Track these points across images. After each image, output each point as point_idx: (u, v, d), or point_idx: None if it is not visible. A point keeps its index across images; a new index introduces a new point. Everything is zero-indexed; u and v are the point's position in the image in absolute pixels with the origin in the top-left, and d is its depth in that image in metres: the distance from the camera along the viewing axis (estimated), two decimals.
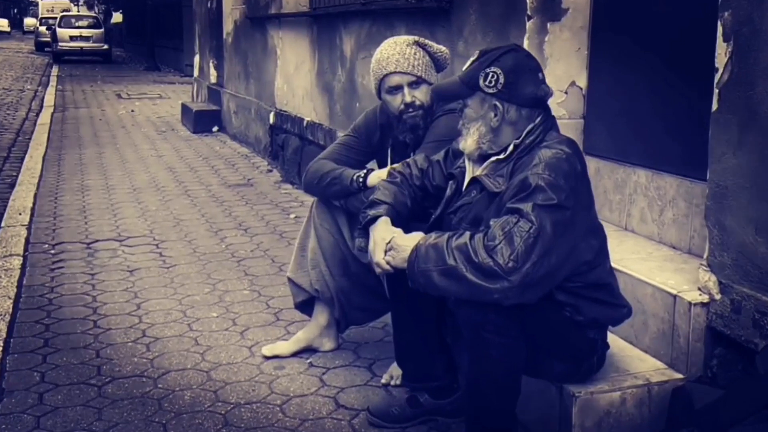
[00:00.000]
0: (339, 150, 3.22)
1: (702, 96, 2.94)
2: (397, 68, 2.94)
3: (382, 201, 2.54)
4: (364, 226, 2.51)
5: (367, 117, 3.25)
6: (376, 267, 2.39)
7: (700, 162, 2.95)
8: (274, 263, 4.59)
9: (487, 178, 2.31)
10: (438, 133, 2.94)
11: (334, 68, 5.83)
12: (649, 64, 3.22)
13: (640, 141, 3.28)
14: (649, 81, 3.22)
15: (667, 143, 3.11)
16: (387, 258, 2.35)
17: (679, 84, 3.07)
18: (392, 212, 2.51)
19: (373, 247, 2.41)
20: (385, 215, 2.49)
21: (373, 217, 2.49)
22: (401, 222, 2.50)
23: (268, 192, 6.52)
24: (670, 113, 3.11)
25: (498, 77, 2.30)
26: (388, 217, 2.48)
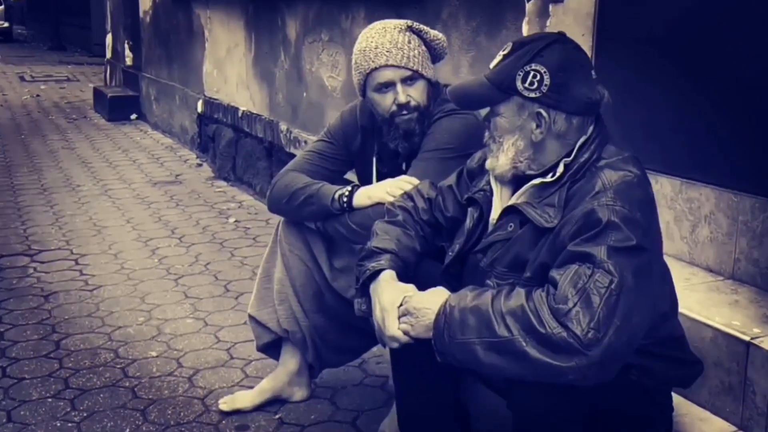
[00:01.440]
0: (311, 159, 2.64)
1: (747, 90, 2.49)
2: (388, 61, 2.36)
3: (383, 249, 1.98)
4: (363, 284, 1.95)
5: (344, 119, 2.67)
6: (391, 341, 1.83)
7: (747, 171, 2.51)
8: (217, 281, 3.96)
9: (531, 208, 1.77)
10: (440, 140, 2.39)
11: (275, 53, 5.19)
12: (672, 49, 2.75)
13: (662, 144, 2.81)
14: (675, 70, 2.75)
15: (701, 148, 2.65)
16: (403, 327, 1.79)
17: (715, 75, 2.60)
18: (397, 263, 1.96)
19: (381, 314, 1.85)
20: (389, 268, 1.93)
21: (373, 272, 1.93)
22: (409, 275, 1.96)
23: (201, 190, 5.84)
24: (704, 111, 2.65)
25: (542, 77, 1.76)
26: (393, 271, 1.93)
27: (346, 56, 4.28)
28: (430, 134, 2.41)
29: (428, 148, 2.39)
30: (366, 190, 2.39)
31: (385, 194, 2.32)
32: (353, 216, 2.38)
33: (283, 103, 5.16)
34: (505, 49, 1.86)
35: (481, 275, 1.85)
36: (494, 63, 1.86)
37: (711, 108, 2.62)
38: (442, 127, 2.41)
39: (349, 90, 4.28)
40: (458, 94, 1.92)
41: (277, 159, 5.31)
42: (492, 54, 3.19)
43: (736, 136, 2.55)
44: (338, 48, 4.34)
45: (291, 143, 4.93)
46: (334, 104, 4.46)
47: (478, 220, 1.95)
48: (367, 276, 1.94)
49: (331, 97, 4.47)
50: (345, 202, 2.39)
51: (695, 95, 2.67)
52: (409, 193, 2.18)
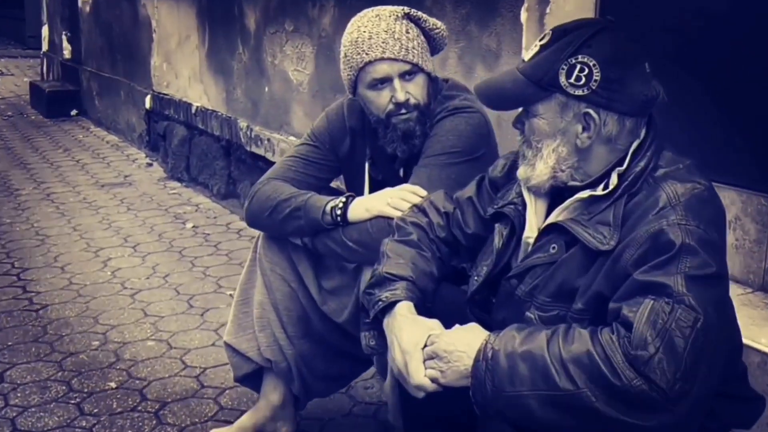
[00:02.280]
0: (294, 165, 2.32)
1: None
2: (384, 53, 2.06)
3: (397, 276, 1.68)
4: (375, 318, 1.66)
5: (329, 119, 2.36)
6: (416, 390, 1.52)
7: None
8: (179, 295, 3.61)
9: (580, 226, 1.50)
10: (445, 143, 2.10)
11: (232, 45, 4.83)
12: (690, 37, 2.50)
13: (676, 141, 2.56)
14: (694, 62, 2.50)
15: (724, 147, 2.41)
16: (431, 373, 1.49)
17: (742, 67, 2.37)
18: (415, 293, 1.67)
19: (401, 357, 1.55)
20: (406, 299, 1.64)
21: (387, 303, 1.63)
22: (427, 305, 1.67)
23: (153, 193, 5.44)
24: (725, 105, 2.41)
25: (591, 71, 1.48)
26: (411, 302, 1.64)
27: (314, 48, 3.96)
28: (434, 136, 2.12)
29: (432, 152, 2.10)
30: (363, 202, 2.09)
31: (385, 206, 2.03)
32: (349, 231, 2.08)
33: (242, 99, 4.80)
34: (543, 38, 1.57)
35: (516, 305, 1.57)
36: (529, 55, 1.58)
37: (736, 103, 2.39)
38: (447, 128, 2.12)
39: (318, 84, 3.96)
40: (487, 92, 1.63)
41: (236, 158, 4.96)
42: (484, 46, 2.96)
43: (764, 134, 2.33)
44: (304, 39, 4.02)
45: (252, 142, 4.59)
46: (300, 100, 4.14)
47: (509, 238, 1.67)
48: (380, 308, 1.64)
49: (297, 92, 4.15)
50: (339, 216, 2.09)
51: (718, 87, 2.43)
52: (420, 206, 1.88)
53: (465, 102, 2.16)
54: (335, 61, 3.75)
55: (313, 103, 4.01)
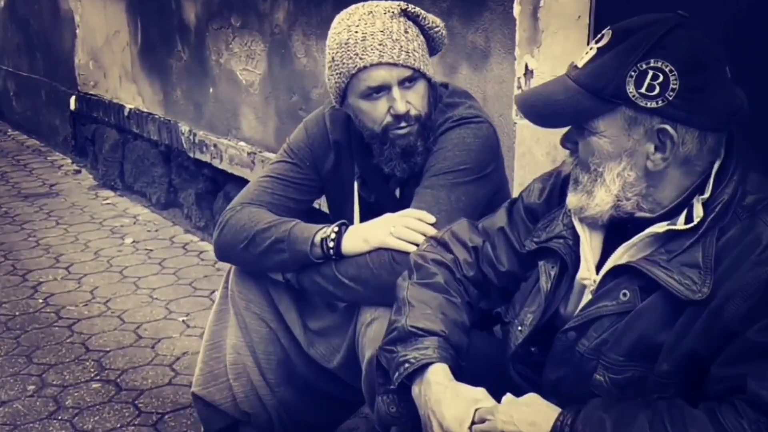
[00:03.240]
0: (270, 187, 1.99)
1: None
2: (382, 57, 1.76)
3: (426, 330, 1.39)
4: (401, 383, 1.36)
5: (309, 132, 2.04)
6: None
7: None
8: (124, 324, 3.22)
9: (660, 269, 1.23)
10: (452, 160, 1.81)
11: (169, 42, 4.42)
12: None
13: None
14: None
15: None
16: None
17: None
18: (449, 352, 1.38)
19: None
20: (440, 361, 1.35)
21: (418, 366, 1.33)
22: (460, 365, 1.38)
23: (84, 203, 4.98)
24: None
25: (667, 79, 1.22)
26: (446, 364, 1.34)
27: (265, 45, 3.61)
28: (438, 151, 1.83)
29: (438, 170, 1.81)
30: (360, 231, 1.78)
31: (388, 236, 1.73)
32: (343, 266, 1.77)
33: (182, 101, 4.40)
34: (600, 38, 1.30)
35: (577, 364, 1.30)
36: (584, 60, 1.30)
37: None
38: (453, 142, 1.83)
39: (271, 86, 3.62)
40: (533, 106, 1.34)
41: (177, 165, 4.56)
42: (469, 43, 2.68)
43: None
44: (254, 36, 3.66)
45: (195, 147, 4.20)
46: (251, 102, 3.78)
47: (558, 279, 1.39)
48: (408, 373, 1.34)
49: (247, 94, 3.79)
50: (331, 248, 1.77)
51: None
52: (440, 239, 1.58)
53: (471, 110, 1.88)
54: (291, 61, 3.43)
55: (266, 106, 3.67)
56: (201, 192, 4.30)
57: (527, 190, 1.53)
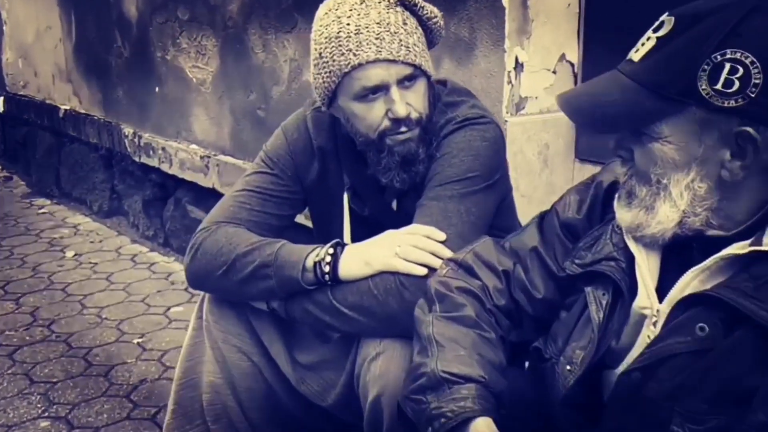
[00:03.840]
0: (248, 202, 1.74)
1: None
2: (380, 53, 1.53)
3: (462, 376, 1.17)
4: None
5: (289, 138, 1.80)
6: None
7: None
8: (72, 350, 2.92)
9: (747, 299, 1.04)
10: (459, 167, 1.60)
11: (107, 37, 4.09)
12: None
13: None
14: None
15: None
16: None
17: None
18: (490, 401, 1.17)
19: None
20: (483, 413, 1.15)
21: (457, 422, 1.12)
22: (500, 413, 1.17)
23: (17, 213, 4.61)
24: None
25: (748, 71, 1.03)
26: (489, 417, 1.14)
27: (217, 40, 3.34)
28: (443, 158, 1.61)
29: (444, 179, 1.59)
30: (360, 252, 1.55)
31: (393, 258, 1.51)
32: (342, 293, 1.54)
33: (124, 101, 4.09)
34: (659, 26, 1.11)
35: (646, 412, 1.10)
36: (641, 52, 1.11)
37: None
38: (459, 146, 1.62)
39: (225, 84, 3.35)
40: (581, 108, 1.14)
41: (120, 170, 4.24)
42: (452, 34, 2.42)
43: None
44: (204, 30, 3.39)
45: (141, 151, 3.90)
46: (202, 102, 3.50)
47: (611, 308, 1.19)
48: (446, 429, 1.13)
49: (198, 93, 3.51)
50: (327, 273, 1.54)
51: None
52: (462, 261, 1.37)
53: (475, 110, 1.67)
54: (247, 56, 3.16)
55: (220, 105, 3.40)
56: (148, 199, 4.00)
57: (562, 204, 1.33)
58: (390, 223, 1.70)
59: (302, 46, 2.88)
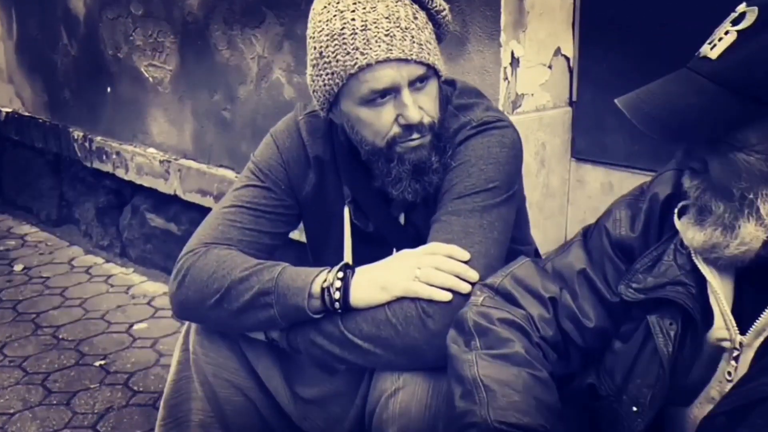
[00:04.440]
0: (240, 220, 1.56)
1: None
2: (391, 52, 1.36)
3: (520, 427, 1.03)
4: None
5: (281, 146, 1.62)
6: None
7: None
8: (28, 376, 2.68)
9: None
10: (480, 176, 1.44)
11: (52, 34, 3.82)
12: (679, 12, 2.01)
13: None
14: None
15: None
16: None
17: None
18: None
19: None
20: None
21: None
22: None
23: None
24: None
25: None
26: None
27: (176, 36, 3.12)
28: (460, 167, 1.46)
29: (463, 191, 1.43)
30: (373, 275, 1.38)
31: (413, 281, 1.34)
32: (354, 322, 1.37)
33: (72, 103, 3.82)
34: (739, 18, 0.97)
35: None
36: (719, 48, 0.96)
37: None
38: (477, 153, 1.46)
39: (186, 83, 3.13)
40: (651, 115, 0.99)
41: (70, 176, 3.97)
42: None
43: None
44: (161, 26, 3.16)
45: (92, 156, 3.65)
46: (161, 103, 3.27)
47: (681, 340, 1.05)
48: None
49: (156, 93, 3.28)
50: (337, 300, 1.37)
51: None
52: (498, 286, 1.21)
53: (491, 113, 1.52)
54: (210, 54, 2.94)
55: (181, 106, 3.18)
56: (103, 206, 3.75)
57: (611, 220, 1.18)
58: (397, 239, 1.55)
59: (271, 43, 2.69)
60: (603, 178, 2.21)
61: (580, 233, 1.23)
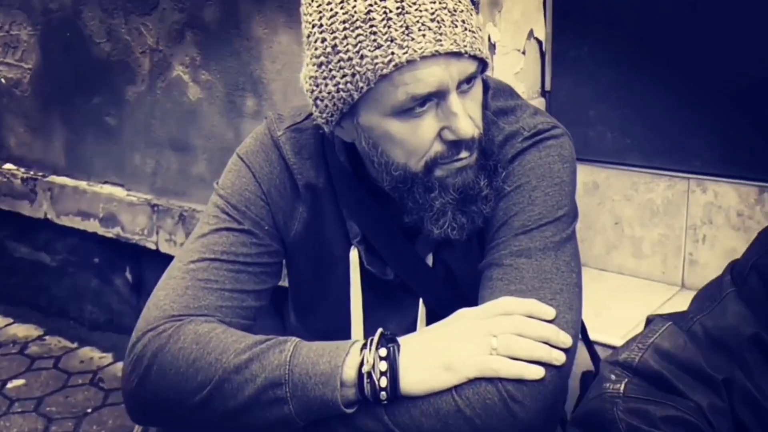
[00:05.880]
0: (216, 277, 1.12)
1: None
2: (440, 44, 0.98)
3: None
4: None
5: (258, 171, 1.19)
6: None
7: None
8: None
9: None
10: (546, 203, 1.10)
11: None
12: None
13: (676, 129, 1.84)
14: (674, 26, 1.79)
15: None
16: None
17: None
18: None
19: None
20: None
21: None
22: None
23: None
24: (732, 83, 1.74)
25: None
26: None
27: (35, 28, 2.55)
28: (519, 191, 1.11)
29: (528, 223, 1.09)
30: (429, 349, 1.00)
31: (490, 357, 0.99)
32: (407, 415, 0.99)
33: None
34: None
35: None
36: None
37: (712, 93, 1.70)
38: (537, 173, 1.12)
39: (51, 84, 2.57)
40: None
41: None
42: None
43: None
44: (15, 16, 2.58)
45: None
46: (19, 109, 2.69)
47: None
48: None
49: (11, 97, 2.69)
50: (384, 387, 0.99)
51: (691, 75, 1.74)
52: (639, 365, 0.88)
53: (541, 118, 1.18)
54: (84, 48, 2.39)
55: (46, 112, 2.62)
56: None
57: None
58: (425, 286, 1.19)
59: (168, 33, 2.22)
60: (586, 177, 1.94)
61: (725, 275, 0.92)
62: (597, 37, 1.88)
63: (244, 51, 2.08)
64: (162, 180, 2.37)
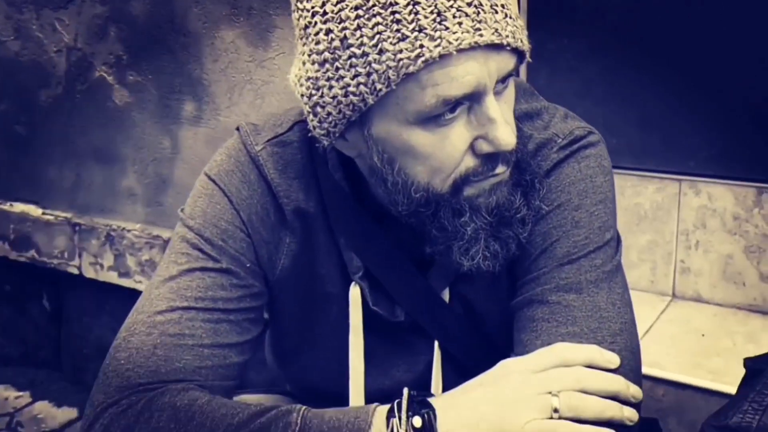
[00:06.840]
0: (192, 330, 0.89)
1: None
2: (479, 34, 0.79)
3: None
4: None
5: (236, 199, 0.96)
6: None
7: None
8: None
9: None
10: (592, 224, 0.93)
11: None
12: None
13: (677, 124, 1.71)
14: None
15: None
16: None
17: None
18: None
19: None
20: None
21: None
22: None
23: None
24: None
25: None
26: None
27: None
28: (560, 211, 0.93)
29: (574, 250, 0.91)
30: (473, 412, 0.81)
31: (551, 422, 0.80)
32: None
33: None
34: None
35: None
36: None
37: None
38: (579, 189, 0.95)
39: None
40: None
41: None
42: None
43: None
44: None
45: None
46: None
47: None
48: None
49: None
50: None
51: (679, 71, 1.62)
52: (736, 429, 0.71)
53: (572, 122, 1.01)
54: None
55: None
56: None
57: None
58: (440, 327, 1.00)
59: (88, 29, 1.95)
60: None
61: None
62: (578, 27, 1.73)
63: (179, 48, 1.83)
64: (84, 196, 2.10)
